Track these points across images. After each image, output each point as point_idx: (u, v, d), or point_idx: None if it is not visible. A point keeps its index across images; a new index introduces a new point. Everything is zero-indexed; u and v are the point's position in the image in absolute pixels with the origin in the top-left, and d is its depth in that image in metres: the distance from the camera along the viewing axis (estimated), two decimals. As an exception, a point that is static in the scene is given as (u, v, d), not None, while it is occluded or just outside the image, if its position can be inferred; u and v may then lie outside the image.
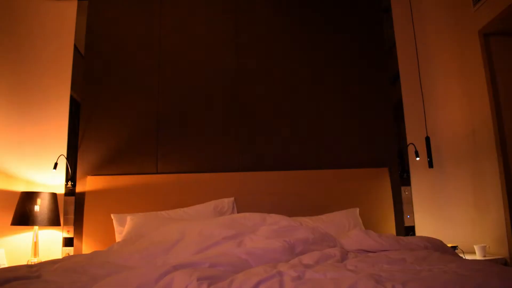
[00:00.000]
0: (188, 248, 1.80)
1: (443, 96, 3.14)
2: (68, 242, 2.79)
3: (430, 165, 2.94)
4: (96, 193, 2.80)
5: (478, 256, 2.57)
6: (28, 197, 2.59)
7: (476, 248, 2.59)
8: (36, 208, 2.56)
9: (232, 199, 2.80)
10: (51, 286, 1.28)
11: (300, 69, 3.14)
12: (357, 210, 2.76)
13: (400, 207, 2.96)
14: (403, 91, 3.16)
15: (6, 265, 2.52)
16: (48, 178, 2.88)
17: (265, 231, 1.94)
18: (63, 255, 2.72)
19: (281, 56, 3.16)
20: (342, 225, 2.58)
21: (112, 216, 2.66)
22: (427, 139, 2.98)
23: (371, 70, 3.16)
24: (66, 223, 2.81)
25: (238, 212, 2.74)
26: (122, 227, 2.58)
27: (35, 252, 2.57)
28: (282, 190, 2.86)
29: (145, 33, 3.15)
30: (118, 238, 2.56)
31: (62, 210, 2.81)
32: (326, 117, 3.07)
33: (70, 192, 2.87)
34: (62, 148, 2.93)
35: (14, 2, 3.10)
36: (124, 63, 3.09)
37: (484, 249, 2.57)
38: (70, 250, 2.77)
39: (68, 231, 2.80)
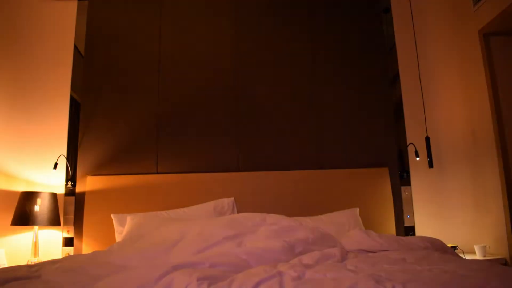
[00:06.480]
0: (188, 248, 1.80)
1: (443, 96, 3.14)
2: (68, 242, 2.79)
3: (430, 165, 2.94)
4: (96, 193, 2.80)
5: (478, 256, 2.57)
6: (28, 197, 2.59)
7: (476, 248, 2.59)
8: (36, 208, 2.56)
9: (232, 199, 2.80)
10: (51, 286, 1.28)
11: (300, 69, 3.14)
12: (357, 210, 2.76)
13: (400, 207, 2.96)
14: (403, 91, 3.16)
15: (6, 265, 2.52)
16: (48, 178, 2.88)
17: (265, 231, 1.94)
18: (63, 255, 2.72)
19: (281, 56, 3.16)
20: (342, 225, 2.58)
21: (112, 216, 2.66)
22: (427, 139, 2.97)
23: (371, 70, 3.16)
24: (66, 223, 2.81)
25: (238, 212, 2.74)
26: (122, 227, 2.58)
27: (35, 252, 2.57)
28: (282, 190, 2.86)
29: (145, 33, 3.15)
30: (118, 238, 2.56)
31: (62, 210, 2.81)
32: (326, 117, 3.07)
33: (70, 192, 2.87)
34: (62, 148, 2.93)
35: (14, 2, 3.10)
36: (124, 63, 3.09)
37: (484, 249, 2.57)
38: (70, 250, 2.77)
39: (68, 231, 2.80)
